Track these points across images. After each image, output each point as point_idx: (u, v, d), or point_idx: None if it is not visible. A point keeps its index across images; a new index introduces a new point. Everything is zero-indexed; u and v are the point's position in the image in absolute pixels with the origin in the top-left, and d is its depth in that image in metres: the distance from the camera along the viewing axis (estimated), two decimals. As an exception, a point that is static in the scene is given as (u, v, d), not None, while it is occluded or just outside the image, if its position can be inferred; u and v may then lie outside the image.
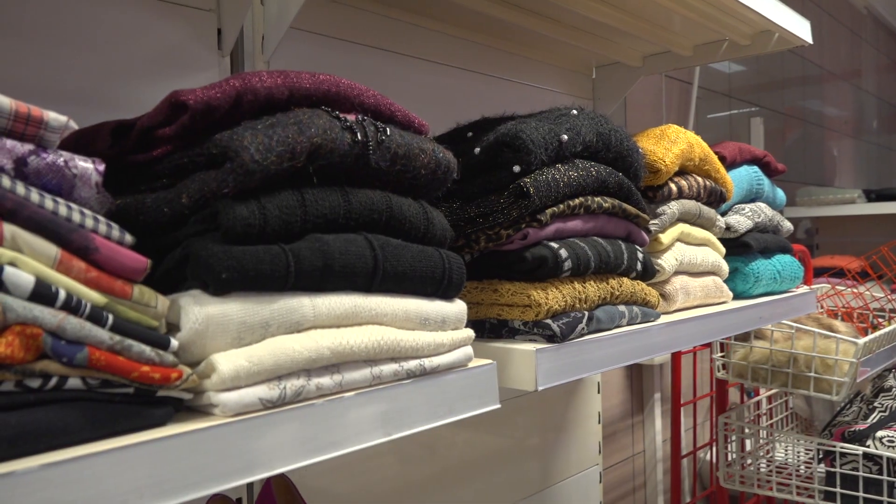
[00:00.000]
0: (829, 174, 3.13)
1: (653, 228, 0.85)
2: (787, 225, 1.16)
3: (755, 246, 1.03)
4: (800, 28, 1.19)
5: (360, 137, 0.51)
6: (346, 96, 0.54)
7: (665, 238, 0.86)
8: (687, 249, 0.90)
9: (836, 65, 3.26)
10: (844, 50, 3.36)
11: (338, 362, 0.46)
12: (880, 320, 1.56)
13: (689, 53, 1.33)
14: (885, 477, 1.20)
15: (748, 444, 1.46)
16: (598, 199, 0.74)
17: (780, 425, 1.64)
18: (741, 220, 1.03)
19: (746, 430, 1.40)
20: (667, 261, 0.86)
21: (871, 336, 1.19)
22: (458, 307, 0.56)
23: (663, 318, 0.81)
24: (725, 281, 1.00)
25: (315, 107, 0.51)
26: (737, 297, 1.03)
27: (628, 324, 0.76)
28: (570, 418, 1.38)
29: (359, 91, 0.54)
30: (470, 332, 0.56)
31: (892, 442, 1.21)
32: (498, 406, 0.56)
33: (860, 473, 1.22)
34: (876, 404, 1.35)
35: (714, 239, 0.97)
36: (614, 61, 1.39)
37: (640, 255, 0.78)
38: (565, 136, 0.71)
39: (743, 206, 1.07)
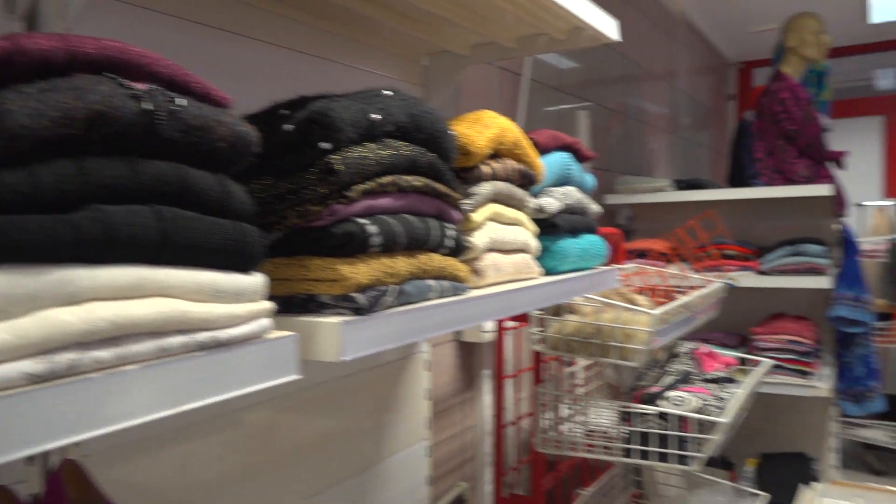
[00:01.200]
0: (647, 165, 3.43)
1: (466, 208, 0.89)
2: (594, 207, 1.26)
3: (564, 226, 1.11)
4: (608, 26, 1.29)
5: (148, 107, 0.49)
6: (136, 64, 0.52)
7: (477, 217, 0.91)
8: (499, 228, 0.96)
9: (655, 65, 3.57)
10: (661, 52, 3.68)
11: (118, 335, 0.45)
12: (678, 295, 1.74)
13: (512, 45, 1.40)
14: (674, 432, 1.34)
15: (564, 412, 1.57)
16: (409, 177, 0.77)
17: (595, 393, 1.79)
18: (552, 201, 1.11)
19: (560, 399, 1.52)
20: (479, 238, 0.91)
21: (663, 308, 1.33)
22: (255, 280, 0.56)
23: (474, 293, 0.86)
24: (536, 258, 1.08)
25: (99, 73, 0.49)
26: (547, 273, 1.11)
27: (438, 297, 0.80)
28: (400, 397, 1.42)
29: (151, 60, 0.53)
30: (267, 305, 0.57)
31: (680, 401, 1.36)
32: (297, 377, 0.58)
33: (654, 430, 1.36)
34: (669, 369, 1.51)
35: (525, 219, 1.03)
36: (444, 49, 1.43)
37: (451, 233, 0.82)
38: (376, 116, 0.73)
39: (554, 189, 1.15)
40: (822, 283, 2.47)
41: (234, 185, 0.56)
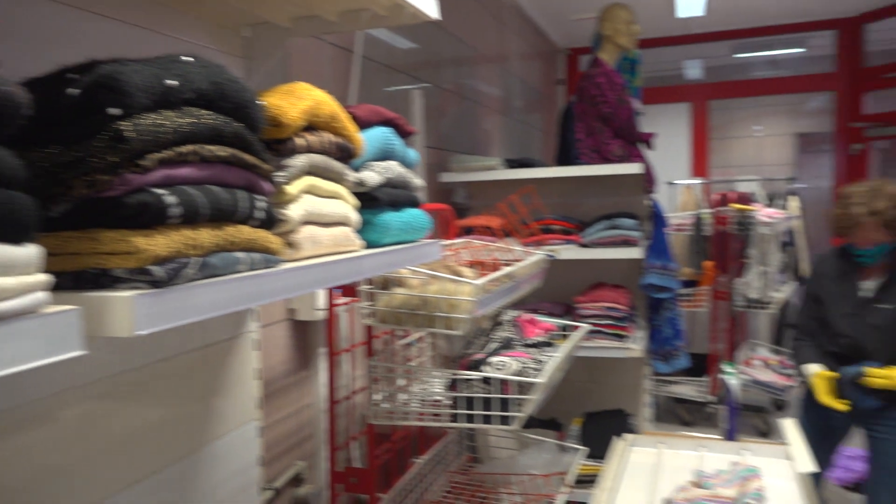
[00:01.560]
0: (482, 145, 3.55)
1: (279, 180, 0.89)
2: (417, 182, 1.29)
3: (385, 200, 1.13)
4: (427, 4, 1.32)
5: None
6: None
7: (292, 189, 0.91)
8: (316, 201, 0.96)
9: (488, 49, 3.69)
10: (494, 36, 3.81)
11: None
12: (504, 267, 1.84)
13: (335, 19, 1.39)
14: (496, 395, 1.42)
15: (397, 384, 1.61)
16: (213, 147, 0.75)
17: (427, 364, 1.85)
18: (372, 175, 1.13)
19: (392, 371, 1.55)
20: (294, 211, 0.90)
21: (485, 278, 1.40)
22: (28, 252, 0.53)
23: (288, 265, 0.86)
24: (358, 231, 1.09)
25: None
26: (369, 246, 1.12)
27: (249, 270, 0.79)
28: (228, 378, 1.38)
29: None
30: (43, 278, 0.53)
31: (502, 365, 1.44)
32: (82, 352, 0.55)
33: (478, 395, 1.43)
34: (493, 336, 1.60)
35: (345, 192, 1.04)
36: (264, 20, 1.39)
37: (261, 205, 0.81)
38: (173, 82, 0.70)
39: (375, 163, 1.16)
40: (635, 253, 2.70)
41: (2, 150, 0.52)
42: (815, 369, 2.40)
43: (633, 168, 2.70)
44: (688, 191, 4.89)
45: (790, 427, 2.02)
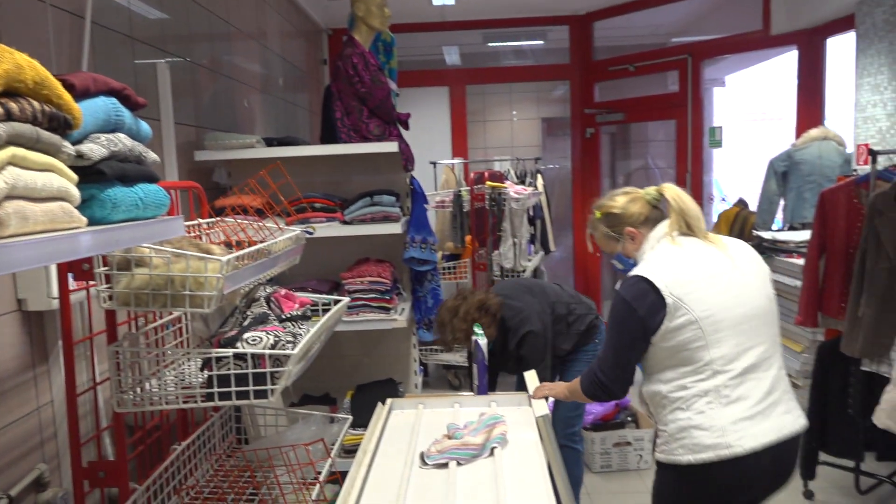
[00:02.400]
0: (242, 123, 3.45)
1: (-26, 150, 0.81)
2: (152, 156, 1.24)
3: (110, 173, 1.08)
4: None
5: None
6: None
7: (-9, 161, 0.84)
8: (23, 174, 0.89)
9: (245, 25, 3.58)
10: (251, 12, 3.71)
11: None
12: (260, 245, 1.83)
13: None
14: (251, 370, 1.43)
15: (146, 369, 1.55)
16: None
17: (181, 346, 1.79)
18: (96, 148, 1.07)
19: (138, 356, 1.49)
20: (-5, 184, 0.83)
21: (232, 255, 1.40)
22: None
23: (-11, 242, 0.79)
24: (83, 208, 1.03)
25: None
26: (96, 222, 1.07)
27: (-64, 247, 0.72)
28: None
29: None
30: None
31: (256, 340, 1.45)
32: None
33: (233, 371, 1.43)
34: (248, 313, 1.60)
35: (61, 165, 0.98)
36: (-40, -26, 1.24)
37: (-51, 176, 0.74)
38: None
39: (100, 135, 1.10)
40: (396, 229, 2.83)
41: None
42: None
43: (389, 146, 2.81)
44: (449, 170, 5.19)
45: (531, 377, 2.28)
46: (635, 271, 1.81)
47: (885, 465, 3.40)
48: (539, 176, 5.26)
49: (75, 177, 1.01)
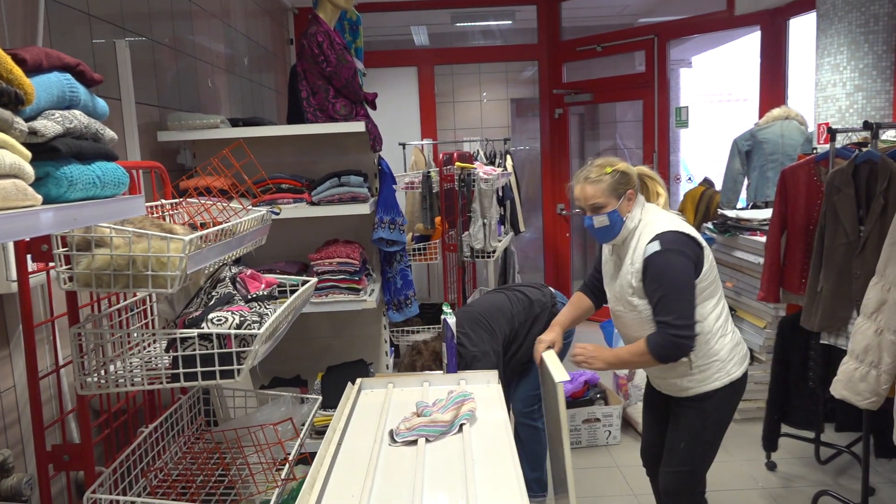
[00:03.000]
0: (206, 103, 3.40)
1: (-80, 125, 0.79)
2: (110, 134, 1.22)
3: (66, 150, 1.06)
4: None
5: None
6: None
7: (-60, 137, 0.81)
8: (-26, 150, 0.87)
9: (207, 3, 3.51)
10: (214, -11, 3.63)
11: None
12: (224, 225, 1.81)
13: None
14: (217, 350, 1.42)
15: (110, 351, 1.53)
16: None
17: (146, 327, 1.77)
18: (50, 125, 1.04)
19: (102, 338, 1.47)
20: (-56, 161, 0.81)
21: (195, 234, 1.38)
22: None
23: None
24: (38, 186, 1.01)
25: None
26: (52, 201, 1.05)
27: None
28: None
29: None
30: None
31: (221, 320, 1.44)
32: None
33: (198, 352, 1.42)
34: (213, 293, 1.58)
35: (13, 142, 0.95)
36: None
37: None
38: None
39: (54, 111, 1.08)
40: (364, 209, 2.82)
41: None
42: None
43: (356, 126, 2.79)
44: (418, 151, 5.17)
45: (550, 356, 2.32)
46: (665, 228, 2.13)
47: (844, 436, 3.52)
48: (508, 157, 5.27)
49: (28, 153, 0.99)
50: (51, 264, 1.51)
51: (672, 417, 2.36)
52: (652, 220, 2.21)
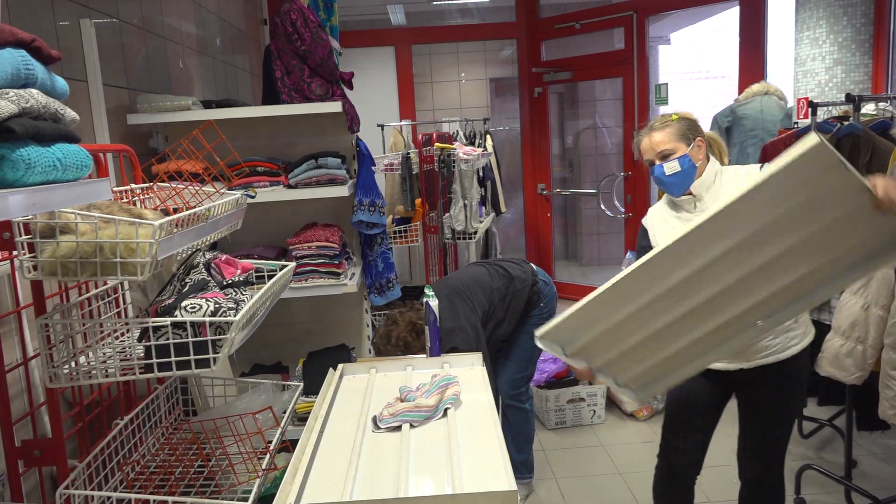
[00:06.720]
0: (179, 85, 3.30)
1: None
2: (71, 114, 1.16)
3: (21, 131, 1.00)
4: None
5: None
6: None
7: None
8: (-82, 131, 0.81)
9: (176, -19, 3.40)
10: (182, -34, 3.52)
11: None
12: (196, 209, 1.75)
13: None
14: (191, 339, 1.37)
15: (80, 342, 1.47)
16: None
17: (121, 317, 1.71)
18: (3, 104, 0.98)
19: (70, 328, 1.41)
20: None
21: (165, 219, 1.32)
22: None
23: None
24: (-8, 169, 0.95)
25: None
26: (8, 185, 0.99)
27: None
28: None
29: None
30: None
31: (195, 308, 1.39)
32: None
33: (172, 341, 1.37)
34: (187, 280, 1.53)
35: (-37, 123, 0.89)
36: None
37: None
38: None
39: (8, 90, 1.02)
40: (342, 192, 2.76)
41: None
42: None
43: (333, 107, 2.72)
44: (397, 132, 5.10)
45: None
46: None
47: (826, 410, 3.55)
48: (488, 137, 5.22)
49: (-19, 136, 0.93)
50: (14, 253, 1.45)
51: (749, 405, 2.32)
52: (734, 167, 2.14)
